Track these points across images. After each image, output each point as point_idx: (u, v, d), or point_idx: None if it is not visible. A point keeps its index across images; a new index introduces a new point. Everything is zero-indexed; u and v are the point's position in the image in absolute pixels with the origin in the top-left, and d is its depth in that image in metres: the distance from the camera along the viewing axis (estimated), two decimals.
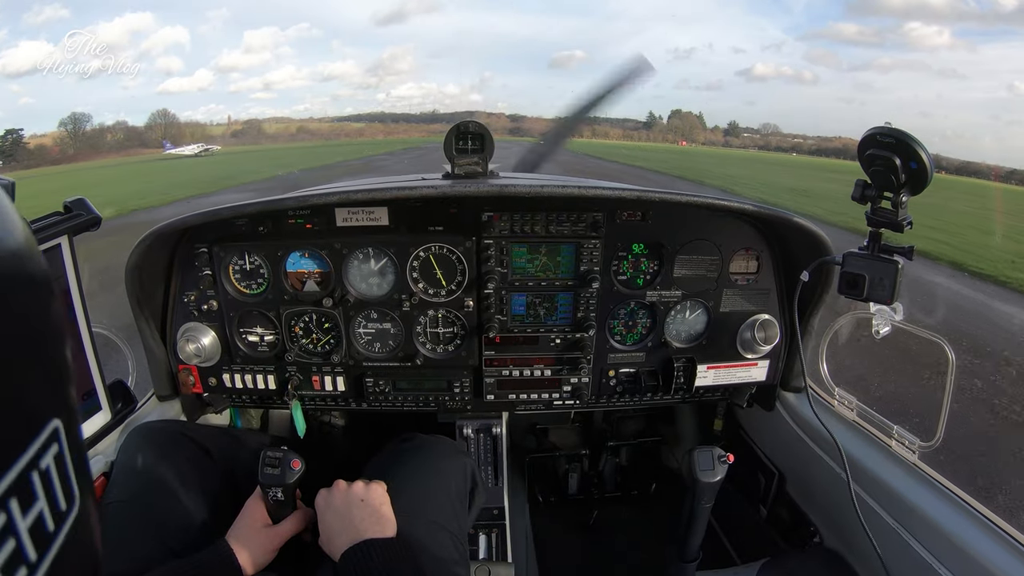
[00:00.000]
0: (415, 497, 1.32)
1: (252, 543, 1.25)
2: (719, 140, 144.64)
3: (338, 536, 1.17)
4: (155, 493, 1.39)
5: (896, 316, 1.39)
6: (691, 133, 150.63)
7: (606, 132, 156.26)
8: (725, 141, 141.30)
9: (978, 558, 1.18)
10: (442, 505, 1.35)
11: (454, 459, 1.49)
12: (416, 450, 1.47)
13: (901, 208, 1.25)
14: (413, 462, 1.43)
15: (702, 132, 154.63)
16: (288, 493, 1.49)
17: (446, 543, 1.29)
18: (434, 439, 1.54)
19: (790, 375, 1.85)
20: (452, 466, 1.45)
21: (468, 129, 1.61)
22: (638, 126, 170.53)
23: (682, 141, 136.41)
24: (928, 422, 1.43)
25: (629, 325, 1.81)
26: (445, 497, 1.37)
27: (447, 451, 1.51)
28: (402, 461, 1.44)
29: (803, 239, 1.62)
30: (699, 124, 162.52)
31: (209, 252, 1.64)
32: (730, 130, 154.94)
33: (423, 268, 1.70)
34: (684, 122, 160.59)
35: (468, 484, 1.47)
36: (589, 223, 1.65)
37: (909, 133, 1.16)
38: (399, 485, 1.32)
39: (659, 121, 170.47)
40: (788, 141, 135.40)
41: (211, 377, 1.76)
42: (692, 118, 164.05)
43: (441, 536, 1.29)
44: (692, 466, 1.44)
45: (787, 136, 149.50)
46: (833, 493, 1.59)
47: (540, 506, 2.38)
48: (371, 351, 1.78)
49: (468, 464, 1.51)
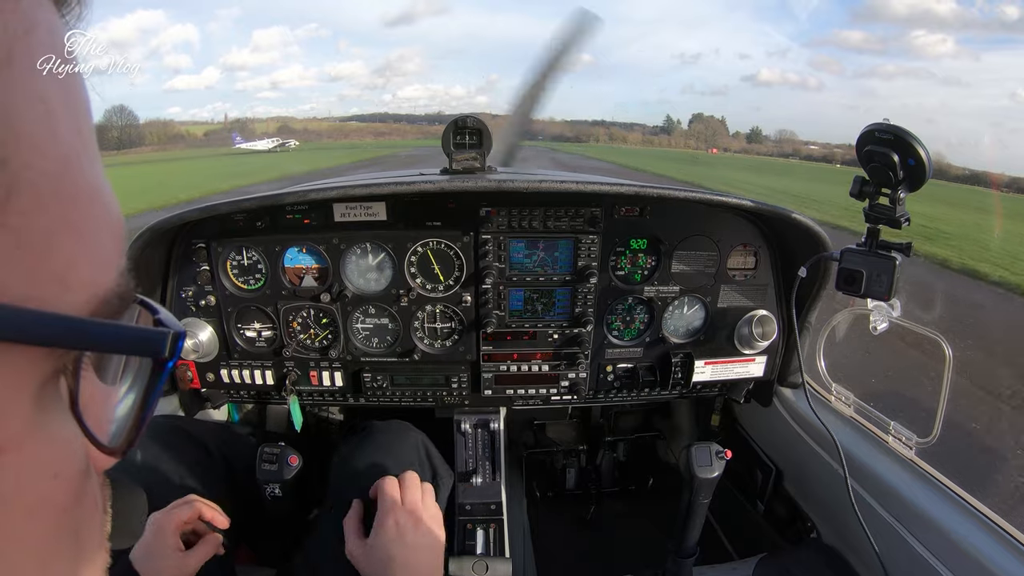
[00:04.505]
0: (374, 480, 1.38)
1: (160, 568, 1.13)
2: (741, 147, 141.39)
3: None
4: (153, 488, 1.39)
5: (894, 312, 1.39)
6: (714, 138, 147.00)
7: (624, 137, 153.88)
8: (747, 148, 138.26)
9: (974, 553, 1.19)
10: None
11: (405, 438, 1.54)
12: (370, 437, 1.52)
13: (899, 205, 1.25)
14: (369, 449, 1.48)
15: (725, 138, 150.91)
16: (286, 489, 1.49)
17: None
18: (385, 424, 1.59)
19: (787, 371, 1.85)
20: (404, 445, 1.51)
21: (466, 124, 1.60)
22: (656, 131, 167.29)
23: (713, 149, 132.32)
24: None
25: (627, 320, 1.81)
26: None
27: (398, 431, 1.56)
28: (360, 449, 1.48)
29: (801, 235, 1.61)
30: (722, 129, 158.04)
31: (207, 247, 1.64)
32: (752, 136, 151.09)
33: (421, 263, 1.70)
34: (707, 127, 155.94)
35: (423, 455, 1.52)
36: (587, 218, 1.65)
37: (907, 130, 1.16)
38: (361, 472, 1.38)
39: (678, 126, 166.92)
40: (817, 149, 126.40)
41: (209, 372, 1.76)
42: (715, 122, 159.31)
43: None
44: (690, 462, 1.44)
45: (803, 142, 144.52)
46: (830, 489, 1.59)
47: (538, 501, 2.38)
48: (369, 346, 1.78)
49: (418, 438, 1.56)
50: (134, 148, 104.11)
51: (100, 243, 0.28)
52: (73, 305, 0.26)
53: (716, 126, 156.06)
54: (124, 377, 0.34)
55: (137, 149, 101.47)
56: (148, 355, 0.30)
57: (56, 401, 0.28)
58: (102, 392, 0.32)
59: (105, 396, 0.33)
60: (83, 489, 0.30)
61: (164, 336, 0.28)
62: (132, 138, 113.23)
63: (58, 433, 0.28)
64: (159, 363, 0.30)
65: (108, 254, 0.28)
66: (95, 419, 0.31)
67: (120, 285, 0.29)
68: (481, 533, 1.72)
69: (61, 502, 0.28)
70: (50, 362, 0.26)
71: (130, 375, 0.33)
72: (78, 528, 0.30)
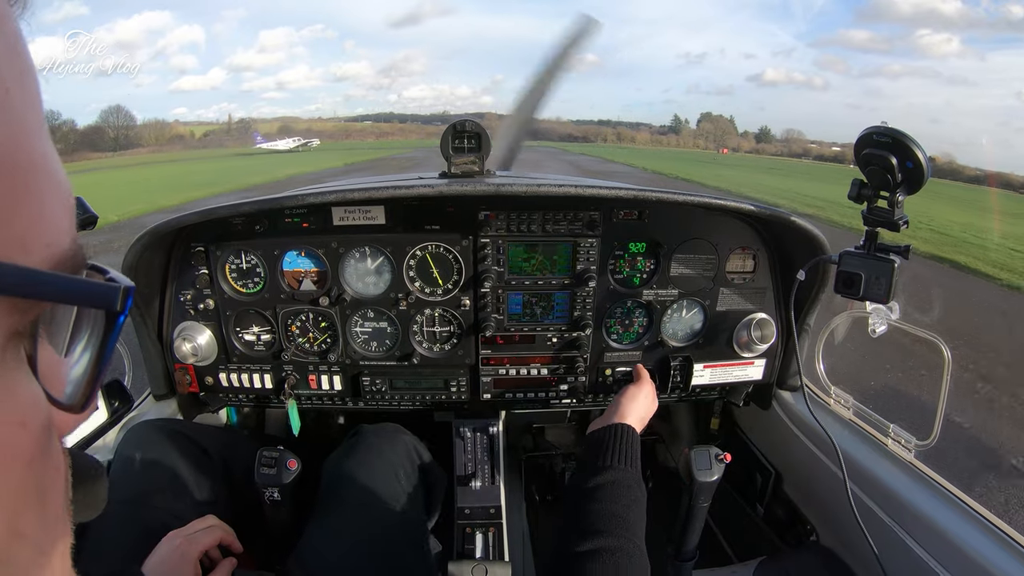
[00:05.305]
0: (365, 487, 1.43)
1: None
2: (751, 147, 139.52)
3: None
4: (153, 492, 1.39)
5: (892, 315, 1.39)
6: (723, 138, 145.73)
7: (632, 137, 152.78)
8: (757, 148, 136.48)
9: (974, 556, 1.19)
10: (390, 485, 1.46)
11: (396, 441, 1.58)
12: (361, 440, 1.56)
13: (897, 207, 1.25)
14: (359, 452, 1.52)
15: (734, 137, 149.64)
16: (285, 493, 1.49)
17: (394, 522, 1.42)
18: (376, 427, 1.64)
19: (786, 374, 1.85)
20: (395, 448, 1.56)
21: (465, 128, 1.60)
22: (664, 130, 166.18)
23: (723, 149, 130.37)
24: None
25: (626, 324, 1.81)
26: (393, 476, 1.48)
27: (388, 434, 1.60)
28: (351, 452, 1.53)
29: (799, 238, 1.62)
30: (732, 129, 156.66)
31: (206, 251, 1.64)
32: (761, 135, 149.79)
33: (420, 267, 1.70)
34: (715, 126, 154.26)
35: (414, 458, 1.58)
36: (586, 222, 1.65)
37: (905, 132, 1.17)
38: (351, 476, 1.44)
39: (686, 125, 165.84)
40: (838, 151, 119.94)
41: (207, 376, 1.76)
42: (724, 122, 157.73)
43: (390, 518, 1.42)
44: (690, 465, 1.45)
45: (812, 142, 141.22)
46: (829, 491, 1.59)
47: (537, 505, 2.38)
48: (368, 350, 1.78)
49: (408, 441, 1.61)
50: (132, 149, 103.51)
51: (54, 210, 0.30)
52: (33, 264, 0.28)
53: (725, 125, 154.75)
54: (74, 344, 0.36)
55: (134, 151, 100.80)
56: (102, 307, 0.32)
57: (18, 361, 0.30)
58: (57, 361, 0.35)
59: (59, 364, 0.35)
60: (47, 446, 0.32)
61: (116, 290, 0.31)
62: (129, 139, 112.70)
63: (22, 387, 0.30)
64: (112, 317, 0.33)
65: (61, 220, 0.31)
66: (51, 383, 0.33)
67: (73, 249, 0.32)
68: (480, 537, 1.71)
69: (28, 452, 0.30)
70: (14, 318, 0.28)
71: (81, 342, 0.36)
72: (44, 487, 0.32)
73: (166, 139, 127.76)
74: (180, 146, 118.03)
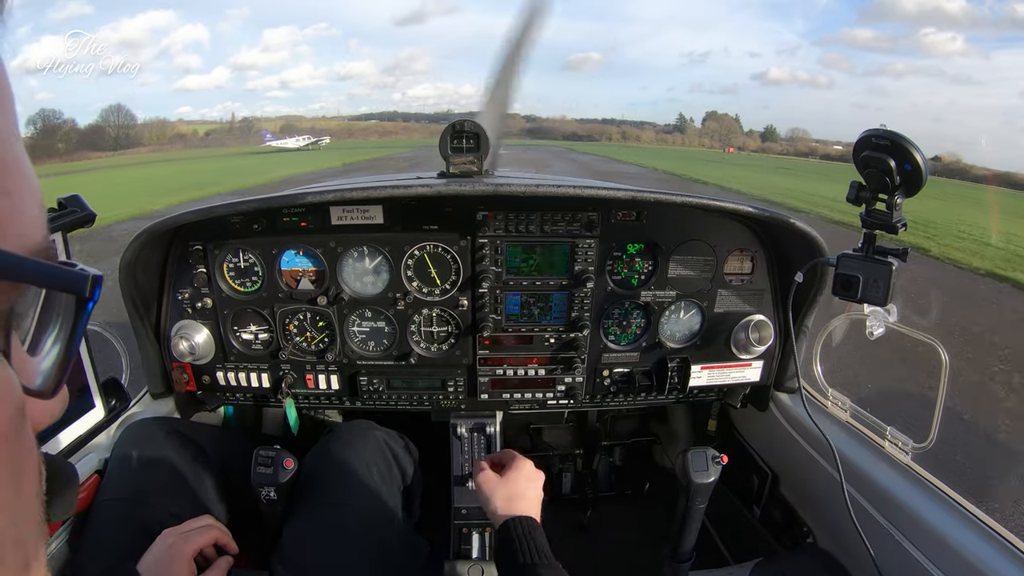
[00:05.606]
0: (340, 482, 1.46)
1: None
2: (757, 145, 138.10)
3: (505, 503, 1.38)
4: (150, 490, 1.39)
5: (890, 317, 1.39)
6: (729, 137, 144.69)
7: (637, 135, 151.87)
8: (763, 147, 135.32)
9: (970, 558, 1.19)
10: (364, 479, 1.48)
11: (367, 436, 1.60)
12: (334, 439, 1.58)
13: (896, 210, 1.25)
14: (334, 447, 1.54)
15: (740, 136, 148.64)
16: (281, 492, 1.49)
17: (371, 516, 1.44)
18: (347, 425, 1.67)
19: (784, 376, 1.85)
20: (367, 443, 1.57)
21: (463, 128, 1.60)
22: (669, 129, 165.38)
23: (730, 148, 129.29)
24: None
25: (623, 325, 1.81)
26: (366, 471, 1.50)
27: (359, 430, 1.62)
28: (323, 450, 1.55)
29: (797, 240, 1.62)
30: (737, 127, 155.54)
31: (204, 249, 1.64)
32: (767, 134, 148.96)
33: (417, 267, 1.69)
34: (721, 125, 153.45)
35: (387, 452, 1.59)
36: (584, 223, 1.65)
37: (904, 135, 1.17)
38: (324, 472, 1.47)
39: (691, 124, 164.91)
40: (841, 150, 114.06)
41: (205, 375, 1.76)
42: (729, 120, 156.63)
43: (367, 513, 1.44)
44: (686, 467, 1.44)
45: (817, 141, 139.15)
46: (826, 494, 1.59)
47: None
48: (365, 350, 1.78)
49: (380, 436, 1.62)
50: (132, 148, 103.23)
51: (27, 205, 0.33)
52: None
53: (731, 124, 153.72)
54: (44, 338, 0.38)
55: (134, 150, 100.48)
56: (73, 292, 0.35)
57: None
58: (27, 357, 0.38)
59: (29, 359, 0.38)
60: (20, 429, 0.34)
61: (85, 278, 0.34)
62: (130, 138, 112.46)
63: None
64: (81, 302, 0.36)
65: (34, 215, 0.34)
66: (24, 374, 0.35)
67: (45, 241, 0.35)
68: (477, 537, 1.71)
69: (3, 429, 0.32)
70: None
71: (51, 336, 0.38)
72: (18, 468, 0.33)
73: (167, 138, 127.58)
74: (181, 145, 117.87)
